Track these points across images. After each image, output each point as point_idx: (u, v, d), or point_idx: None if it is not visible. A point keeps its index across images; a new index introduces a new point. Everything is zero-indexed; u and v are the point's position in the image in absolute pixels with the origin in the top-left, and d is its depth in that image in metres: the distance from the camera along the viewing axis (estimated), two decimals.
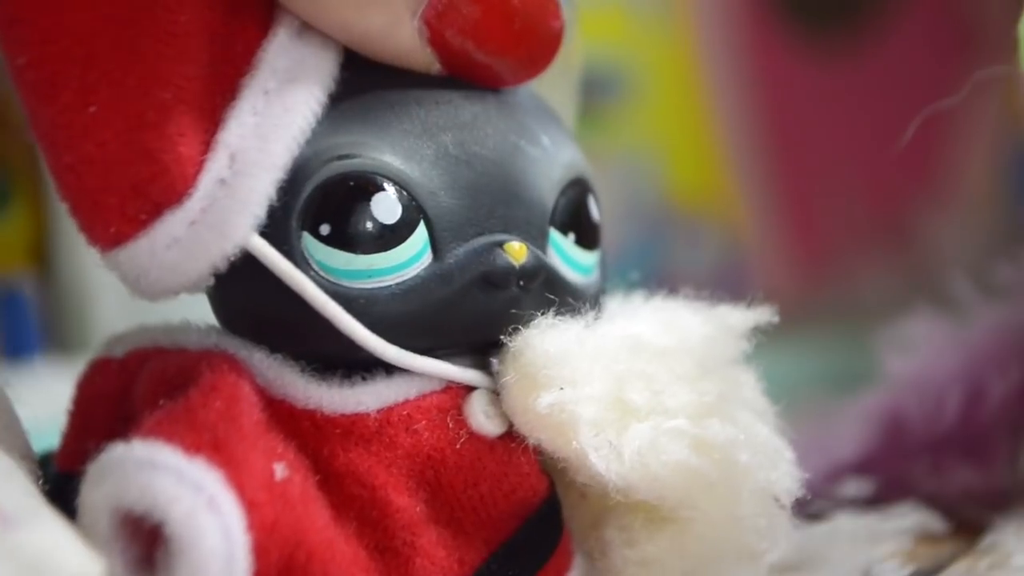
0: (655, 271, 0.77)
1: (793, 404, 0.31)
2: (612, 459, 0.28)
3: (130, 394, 0.29)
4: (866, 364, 0.48)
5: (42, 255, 0.59)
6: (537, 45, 0.30)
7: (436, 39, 0.29)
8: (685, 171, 0.84)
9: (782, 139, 0.88)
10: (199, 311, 0.30)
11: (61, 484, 0.29)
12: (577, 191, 0.31)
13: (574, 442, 0.28)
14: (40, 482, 0.28)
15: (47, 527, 0.25)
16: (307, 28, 0.29)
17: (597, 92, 0.76)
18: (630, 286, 0.33)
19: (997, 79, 0.38)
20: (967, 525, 0.43)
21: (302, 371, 0.29)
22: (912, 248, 0.84)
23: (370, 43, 0.29)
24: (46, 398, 0.31)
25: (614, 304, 0.32)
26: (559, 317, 0.30)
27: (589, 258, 0.31)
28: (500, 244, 0.29)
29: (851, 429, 0.47)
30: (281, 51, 0.29)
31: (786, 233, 0.88)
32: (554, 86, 0.33)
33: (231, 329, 0.30)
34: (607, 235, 0.32)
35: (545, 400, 0.28)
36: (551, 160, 0.31)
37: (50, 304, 0.59)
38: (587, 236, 0.31)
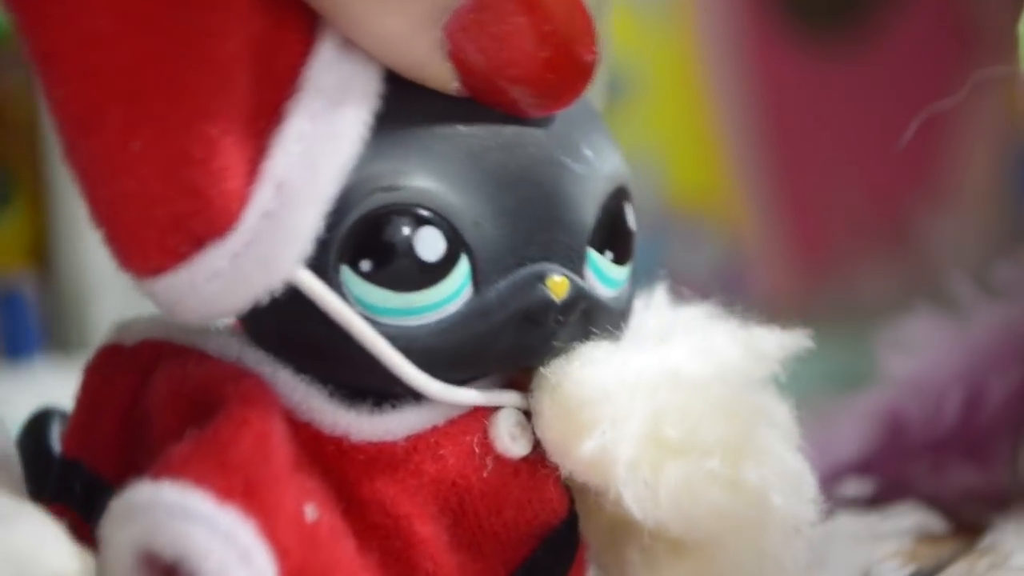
0: (655, 271, 0.77)
1: (793, 404, 0.31)
2: (647, 500, 0.28)
3: (143, 387, 0.29)
4: (866, 364, 0.48)
5: (42, 255, 0.59)
6: (565, 77, 0.28)
7: (457, 54, 0.27)
8: (685, 171, 0.84)
9: (782, 139, 0.88)
10: None
11: (66, 470, 0.28)
12: (616, 203, 0.30)
13: (611, 483, 0.28)
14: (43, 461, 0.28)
15: (30, 525, 0.25)
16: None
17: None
18: (653, 282, 0.32)
19: (997, 79, 0.38)
20: (967, 525, 0.43)
21: (330, 396, 0.28)
22: (912, 248, 0.84)
23: (386, 48, 0.27)
24: (46, 398, 0.31)
25: (639, 306, 0.31)
26: (595, 342, 0.29)
27: (623, 272, 0.30)
28: (541, 278, 0.28)
29: (851, 429, 0.47)
30: (326, 69, 0.27)
31: (786, 233, 0.88)
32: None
33: (257, 343, 0.29)
34: None
35: (589, 445, 0.28)
36: (594, 175, 0.29)
37: (50, 304, 0.59)
38: (623, 250, 0.30)
